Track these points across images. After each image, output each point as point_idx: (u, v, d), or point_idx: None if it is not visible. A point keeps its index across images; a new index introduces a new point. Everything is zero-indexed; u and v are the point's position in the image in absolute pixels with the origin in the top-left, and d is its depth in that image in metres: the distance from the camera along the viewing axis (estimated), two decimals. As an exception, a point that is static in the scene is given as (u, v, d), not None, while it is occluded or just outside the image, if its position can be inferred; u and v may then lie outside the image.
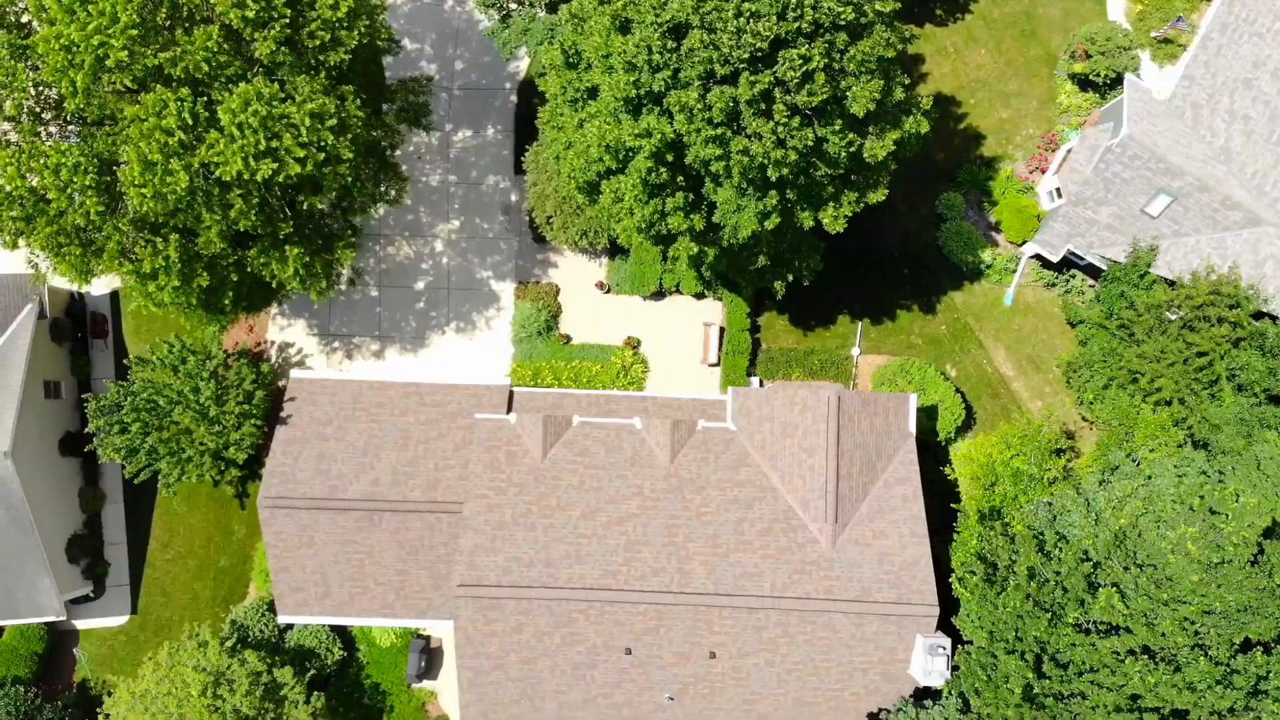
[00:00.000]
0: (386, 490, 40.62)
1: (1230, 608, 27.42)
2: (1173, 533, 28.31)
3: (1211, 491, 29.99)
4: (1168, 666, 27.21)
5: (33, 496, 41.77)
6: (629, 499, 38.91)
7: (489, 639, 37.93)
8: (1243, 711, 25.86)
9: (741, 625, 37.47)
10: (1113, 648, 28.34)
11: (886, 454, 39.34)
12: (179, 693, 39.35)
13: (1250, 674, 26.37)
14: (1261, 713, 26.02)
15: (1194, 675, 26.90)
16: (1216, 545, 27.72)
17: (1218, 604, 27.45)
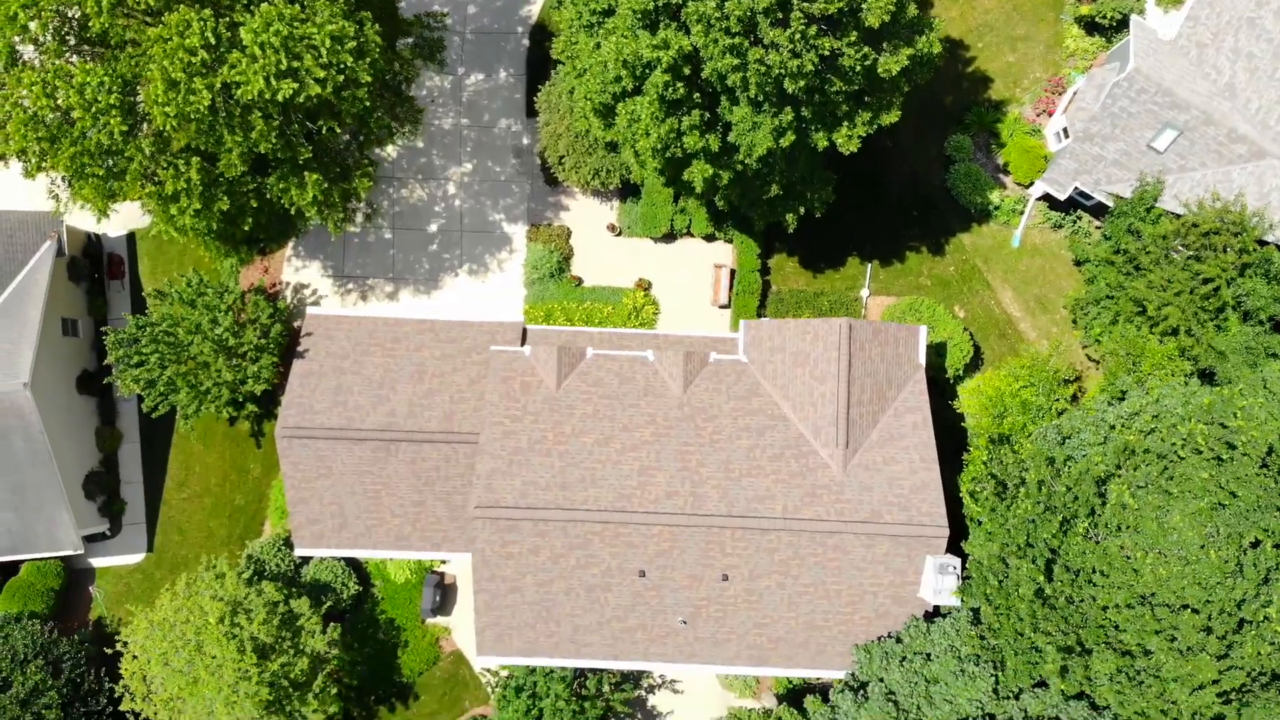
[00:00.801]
0: (403, 421, 41.10)
1: (1241, 506, 27.87)
2: (1183, 426, 28.82)
3: (1220, 405, 30.45)
4: (1179, 561, 27.69)
5: (51, 430, 42.23)
6: (642, 427, 39.42)
7: (505, 561, 38.43)
8: (1253, 599, 26.27)
9: (753, 547, 37.97)
10: (1122, 545, 28.81)
11: (897, 383, 39.85)
12: (197, 620, 39.83)
13: (1261, 568, 26.78)
14: (1272, 601, 26.42)
15: (1205, 570, 27.36)
16: (1227, 444, 28.21)
17: (1228, 501, 27.93)
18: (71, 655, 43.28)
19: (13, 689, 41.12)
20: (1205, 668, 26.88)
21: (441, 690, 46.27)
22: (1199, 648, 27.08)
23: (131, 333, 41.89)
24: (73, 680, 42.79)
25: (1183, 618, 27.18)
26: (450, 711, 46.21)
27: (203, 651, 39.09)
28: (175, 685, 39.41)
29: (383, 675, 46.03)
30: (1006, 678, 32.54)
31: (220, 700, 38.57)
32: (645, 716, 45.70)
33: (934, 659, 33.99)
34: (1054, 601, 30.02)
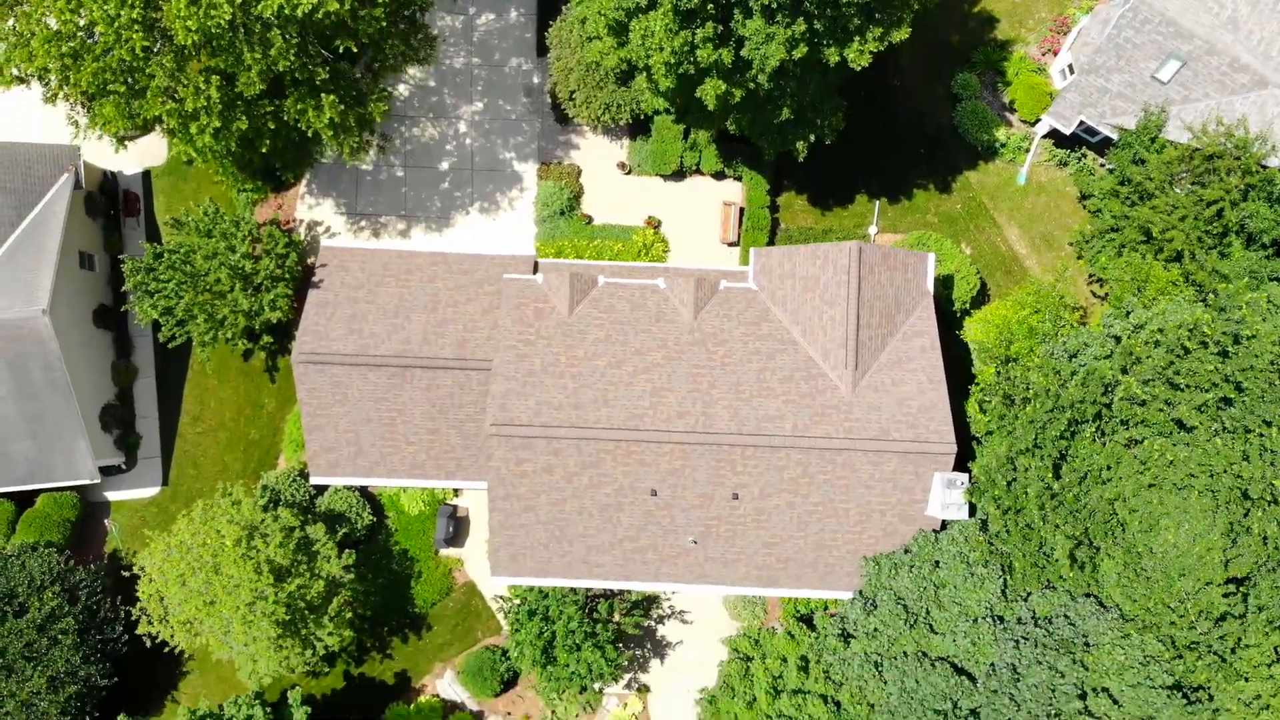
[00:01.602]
0: (417, 348, 41.64)
1: (1247, 400, 28.38)
2: (1189, 316, 29.38)
3: (1225, 309, 30.95)
4: (1185, 448, 28.24)
5: (69, 359, 42.69)
6: (654, 351, 39.98)
7: (520, 480, 39.00)
8: (1259, 479, 26.71)
9: (763, 465, 38.54)
10: (1130, 440, 29.35)
11: (905, 308, 40.41)
12: (213, 543, 40.32)
13: (1268, 454, 27.15)
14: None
15: (1211, 455, 27.77)
16: (1234, 337, 28.73)
17: (1233, 395, 28.45)
18: (88, 584, 43.82)
19: (29, 614, 41.64)
20: (1213, 552, 27.38)
21: (454, 621, 46.83)
22: (1206, 531, 27.60)
23: (148, 261, 42.40)
24: (89, 607, 43.31)
25: (1190, 501, 27.72)
26: (463, 642, 46.78)
27: (220, 573, 39.57)
28: (192, 607, 39.91)
29: (396, 606, 46.60)
30: (1015, 581, 33.11)
31: (237, 619, 39.05)
32: (654, 646, 46.27)
33: (942, 566, 34.54)
34: (1062, 498, 30.57)
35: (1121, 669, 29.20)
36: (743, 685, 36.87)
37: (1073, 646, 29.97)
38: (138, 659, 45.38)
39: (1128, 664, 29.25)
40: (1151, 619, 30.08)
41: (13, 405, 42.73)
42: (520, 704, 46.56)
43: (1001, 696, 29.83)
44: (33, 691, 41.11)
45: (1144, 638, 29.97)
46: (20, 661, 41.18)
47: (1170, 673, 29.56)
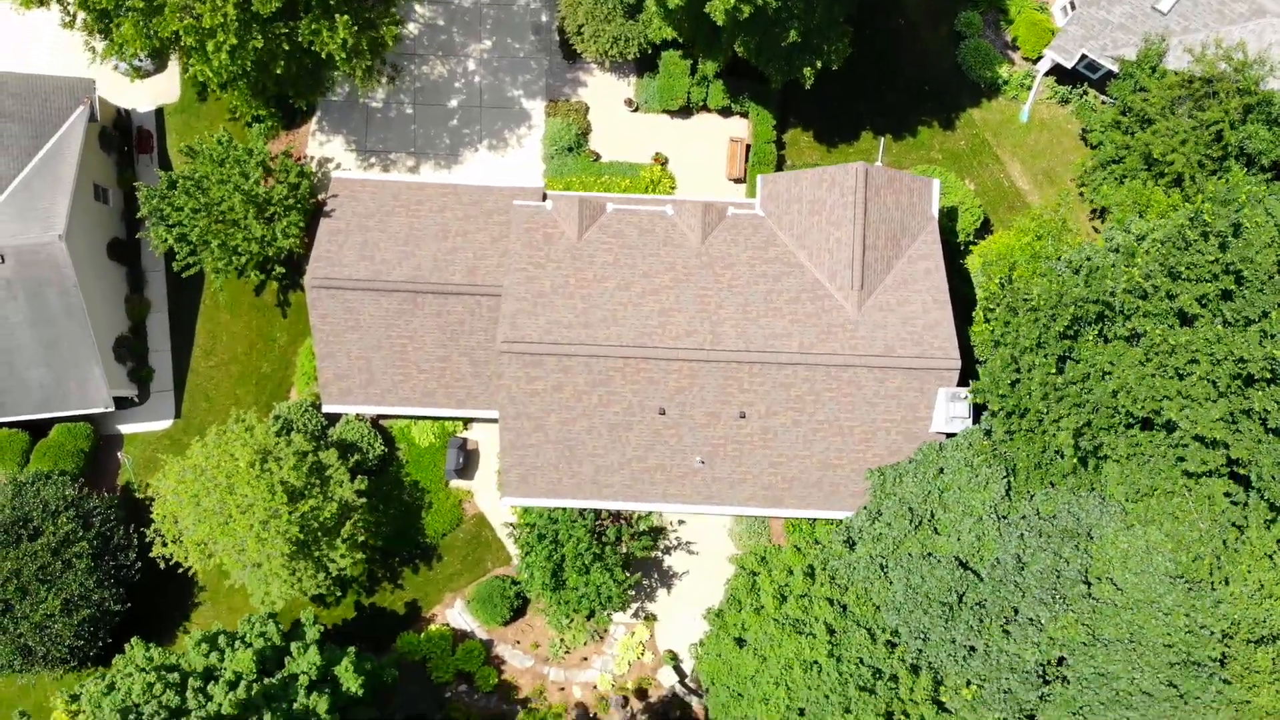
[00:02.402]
0: (428, 274, 42.19)
1: (1247, 292, 28.91)
2: (1189, 207, 29.93)
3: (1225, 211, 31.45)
4: (1187, 333, 28.78)
5: (84, 287, 43.24)
6: (661, 274, 40.55)
7: (530, 399, 39.55)
8: (1259, 359, 27.15)
9: (770, 383, 39.09)
10: (1133, 329, 29.87)
11: (911, 233, 40.98)
12: (228, 465, 40.89)
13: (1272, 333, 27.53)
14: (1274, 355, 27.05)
15: (1213, 338, 28.22)
16: (1234, 226, 29.28)
17: (1233, 287, 28.99)
18: (101, 511, 44.35)
19: (43, 538, 42.15)
20: (1214, 430, 27.86)
21: (464, 551, 47.38)
22: (1207, 413, 28.10)
23: (163, 189, 42.95)
24: (103, 534, 43.82)
25: (1192, 386, 28.24)
26: (472, 572, 47.33)
27: (234, 493, 40.10)
28: (206, 527, 40.43)
29: (407, 536, 47.12)
30: (1018, 482, 33.66)
31: (251, 538, 39.53)
32: (661, 576, 46.83)
33: (946, 471, 35.09)
34: (1065, 392, 31.11)
35: (1125, 556, 29.75)
36: (749, 598, 37.41)
37: (1076, 536, 30.52)
38: (150, 589, 45.99)
39: (1131, 553, 29.80)
40: (1153, 512, 30.66)
41: (29, 332, 43.28)
42: (529, 633, 47.10)
43: (1006, 584, 30.37)
44: (47, 614, 41.60)
45: (1147, 530, 30.54)
46: (35, 584, 41.68)
47: (1173, 561, 30.11)
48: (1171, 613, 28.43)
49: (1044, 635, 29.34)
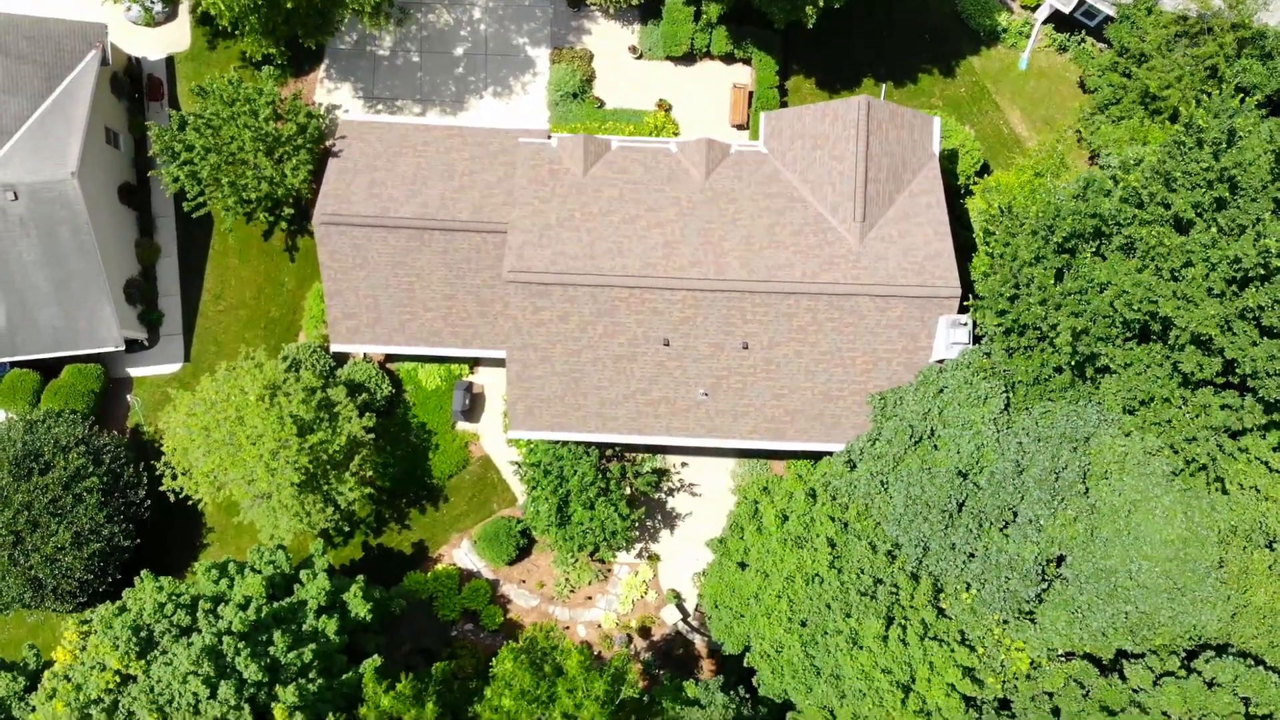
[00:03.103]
0: (435, 211, 42.71)
1: (1241, 201, 29.43)
2: (1186, 112, 30.45)
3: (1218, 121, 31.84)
4: (1181, 236, 29.30)
5: (96, 226, 43.79)
6: (666, 208, 41.10)
7: (536, 330, 40.08)
8: (1253, 257, 27.65)
9: (773, 313, 39.63)
10: (1130, 235, 30.37)
11: (912, 168, 41.53)
12: (237, 399, 41.41)
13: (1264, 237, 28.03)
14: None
15: (1208, 240, 28.72)
16: (1229, 132, 29.79)
17: (1227, 195, 29.52)
18: (111, 449, 44.86)
19: (54, 472, 42.62)
20: (1209, 328, 28.34)
21: (470, 493, 47.90)
22: (1203, 302, 28.54)
23: (174, 129, 43.52)
24: (113, 470, 44.31)
25: (1186, 283, 28.74)
26: (478, 513, 47.84)
27: (244, 424, 40.62)
28: (216, 458, 40.92)
29: (414, 478, 47.67)
30: (1017, 398, 34.17)
31: (261, 467, 40.04)
32: (665, 518, 47.35)
33: (947, 390, 35.60)
34: (1063, 301, 31.63)
35: (1122, 459, 30.22)
36: (751, 524, 37.89)
37: (1074, 441, 31.01)
38: (159, 528, 46.54)
39: (1129, 455, 30.28)
40: (1149, 421, 31.17)
41: (41, 270, 43.83)
42: (534, 572, 47.60)
43: (1005, 487, 30.85)
44: (58, 546, 42.05)
45: (1144, 435, 31.02)
46: (46, 516, 42.14)
47: (1170, 465, 30.60)
48: (1169, 512, 28.93)
49: (1043, 535, 29.85)
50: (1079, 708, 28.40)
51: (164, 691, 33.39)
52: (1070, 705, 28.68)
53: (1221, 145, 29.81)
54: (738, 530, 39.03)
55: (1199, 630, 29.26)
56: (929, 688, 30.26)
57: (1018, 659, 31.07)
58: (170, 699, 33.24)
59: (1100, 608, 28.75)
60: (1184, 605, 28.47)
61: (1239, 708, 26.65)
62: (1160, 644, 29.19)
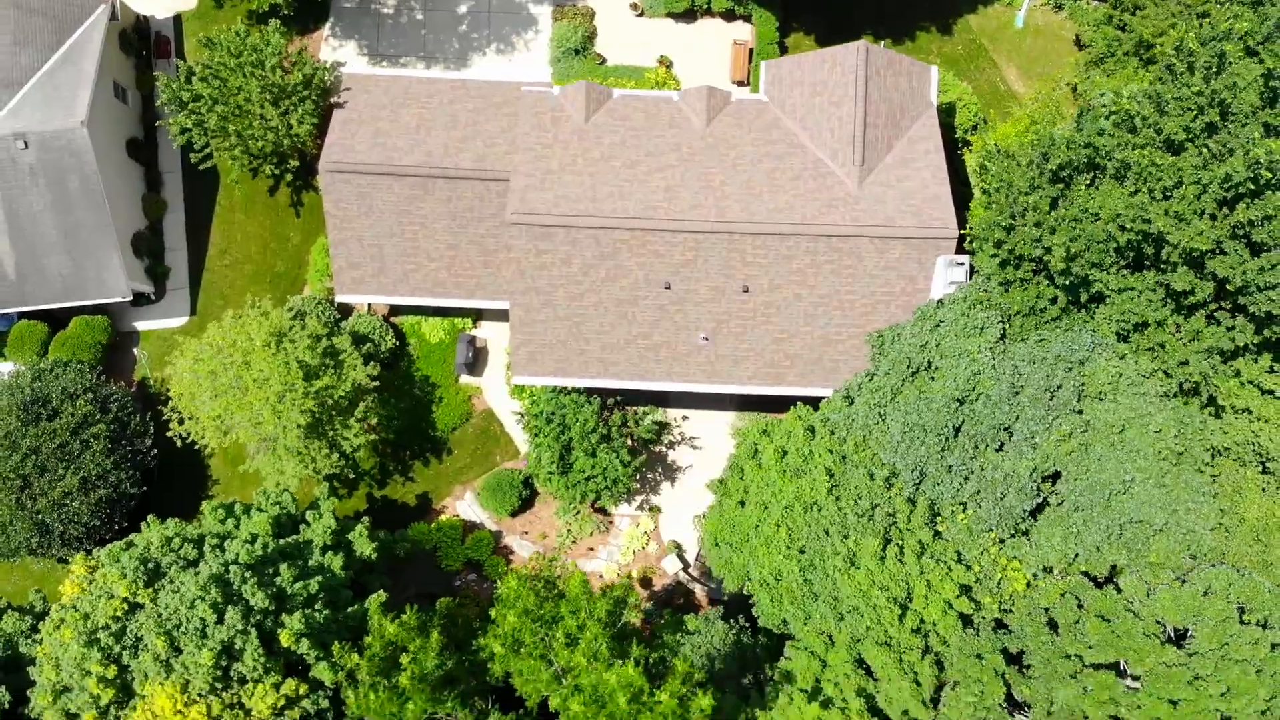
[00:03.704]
0: (439, 160, 43.25)
1: (1232, 123, 29.92)
2: (1175, 33, 30.90)
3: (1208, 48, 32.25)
4: (1172, 154, 29.78)
5: (105, 177, 44.34)
6: (667, 153, 41.63)
7: (539, 273, 40.58)
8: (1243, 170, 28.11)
9: (773, 255, 40.12)
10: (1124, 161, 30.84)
11: (910, 115, 42.05)
12: (244, 344, 41.91)
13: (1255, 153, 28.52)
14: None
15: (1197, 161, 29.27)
16: (1218, 55, 30.29)
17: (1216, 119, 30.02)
18: (118, 398, 45.38)
19: (62, 418, 43.10)
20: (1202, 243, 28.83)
21: (473, 445, 48.37)
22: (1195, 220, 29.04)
23: (181, 80, 44.08)
24: (119, 418, 44.82)
25: (1177, 200, 29.22)
26: (481, 465, 48.31)
27: (250, 368, 41.12)
28: (223, 402, 41.39)
29: (417, 430, 48.14)
30: (1013, 329, 34.63)
31: (267, 409, 40.51)
32: (665, 470, 47.80)
33: (944, 324, 36.06)
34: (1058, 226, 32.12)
35: (1116, 379, 30.64)
36: (752, 463, 38.33)
37: (1070, 363, 31.42)
38: (165, 477, 47.05)
39: (1123, 375, 30.70)
40: (1144, 344, 31.64)
41: (50, 219, 44.37)
42: (536, 523, 48.03)
43: (1001, 407, 31.25)
44: (65, 492, 42.51)
45: (1139, 359, 31.47)
46: (53, 461, 42.60)
47: (1164, 387, 31.02)
48: (1162, 428, 29.34)
49: (1038, 452, 30.26)
50: (1074, 618, 28.81)
51: (171, 617, 33.82)
52: (1066, 616, 29.09)
53: (1212, 70, 30.33)
54: (737, 471, 39.45)
55: (1193, 542, 29.64)
56: (925, 605, 30.68)
57: (1014, 578, 31.48)
58: (178, 624, 33.67)
59: (1095, 520, 29.14)
60: (1177, 516, 28.87)
61: (1232, 614, 27.07)
62: (1154, 561, 29.60)
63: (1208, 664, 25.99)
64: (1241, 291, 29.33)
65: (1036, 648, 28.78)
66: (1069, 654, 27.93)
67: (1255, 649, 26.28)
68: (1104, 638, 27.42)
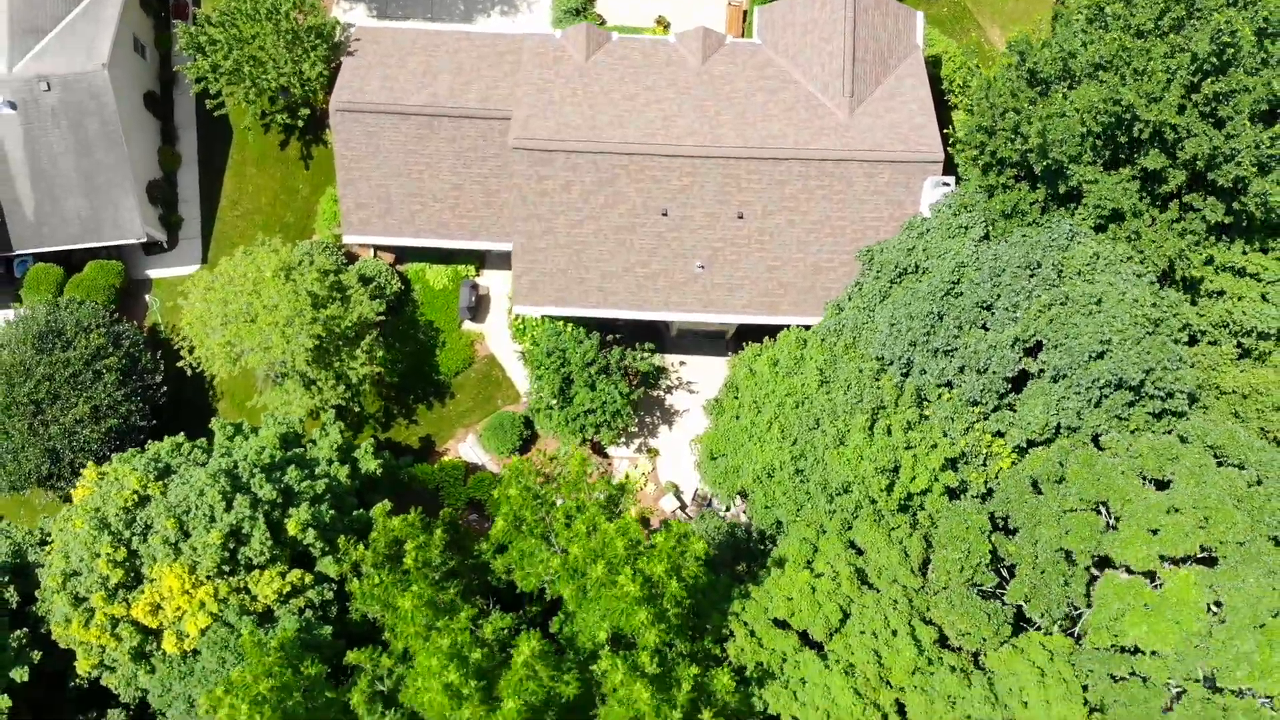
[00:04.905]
0: (444, 100, 44.97)
1: (1198, 19, 31.56)
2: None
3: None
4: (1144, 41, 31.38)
5: (123, 119, 46.03)
6: (665, 88, 43.37)
7: (541, 199, 42.06)
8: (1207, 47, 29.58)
9: (766, 180, 41.62)
10: (1097, 55, 32.42)
11: (897, 55, 43.87)
12: (253, 274, 43.31)
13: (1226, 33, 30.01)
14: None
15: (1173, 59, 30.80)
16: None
17: (1182, 14, 31.65)
18: (130, 335, 46.59)
19: (75, 349, 44.27)
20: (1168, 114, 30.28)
21: (476, 389, 49.48)
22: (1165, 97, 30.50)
23: (200, 24, 46.01)
24: (130, 354, 45.97)
25: (1145, 81, 30.71)
26: (483, 409, 49.37)
27: (260, 295, 42.45)
28: (233, 328, 42.63)
29: (421, 374, 49.29)
30: (996, 231, 35.98)
31: (276, 333, 41.75)
32: (663, 414, 48.85)
33: (930, 230, 37.42)
34: (1034, 116, 33.62)
35: (1094, 258, 31.85)
36: (746, 376, 39.42)
37: (1052, 248, 32.65)
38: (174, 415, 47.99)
39: (1101, 255, 31.91)
40: (1121, 234, 32.93)
41: (70, 161, 45.98)
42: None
43: (983, 286, 32.38)
44: (76, 419, 43.53)
45: (1116, 244, 32.73)
46: (66, 389, 43.68)
47: (1140, 270, 32.25)
48: (1140, 299, 30.48)
49: (1019, 324, 31.35)
50: (1058, 475, 29.69)
51: (181, 504, 34.70)
52: (1050, 474, 29.98)
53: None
54: (732, 390, 40.52)
55: (1171, 409, 30.64)
56: (912, 477, 31.59)
57: (1000, 454, 32.42)
58: (187, 510, 34.54)
59: (1075, 384, 30.14)
60: (1156, 373, 29.89)
61: (1209, 461, 27.95)
62: (1135, 428, 30.54)
63: (1186, 499, 26.87)
64: (1210, 166, 30.74)
65: (1020, 506, 29.65)
66: (1052, 507, 28.82)
67: (1233, 485, 27.17)
68: (1084, 480, 28.28)
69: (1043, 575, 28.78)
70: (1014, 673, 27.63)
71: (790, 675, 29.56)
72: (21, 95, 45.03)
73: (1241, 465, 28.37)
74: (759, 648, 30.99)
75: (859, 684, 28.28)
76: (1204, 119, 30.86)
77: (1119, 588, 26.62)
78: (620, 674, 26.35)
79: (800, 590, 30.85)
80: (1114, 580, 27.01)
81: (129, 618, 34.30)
